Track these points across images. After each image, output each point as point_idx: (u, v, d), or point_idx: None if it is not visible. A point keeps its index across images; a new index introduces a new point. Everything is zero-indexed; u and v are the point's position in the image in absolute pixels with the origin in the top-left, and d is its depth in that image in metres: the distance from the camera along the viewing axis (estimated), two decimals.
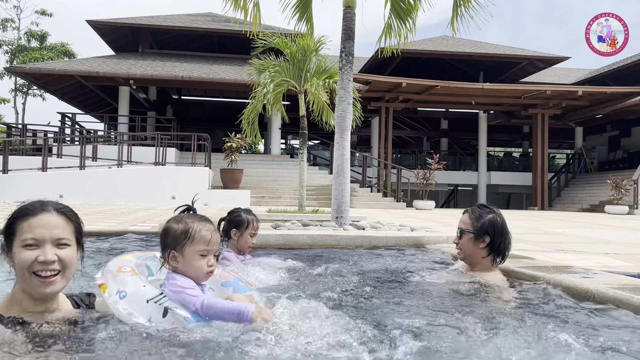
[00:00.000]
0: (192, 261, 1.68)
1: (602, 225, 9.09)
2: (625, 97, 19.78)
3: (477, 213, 2.54)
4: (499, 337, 1.54)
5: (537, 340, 1.53)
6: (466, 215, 2.58)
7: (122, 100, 18.73)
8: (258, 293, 1.89)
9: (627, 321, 1.77)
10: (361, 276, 2.67)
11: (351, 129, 6.50)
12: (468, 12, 6.57)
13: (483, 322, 1.73)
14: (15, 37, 29.43)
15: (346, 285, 2.38)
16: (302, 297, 1.88)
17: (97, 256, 3.38)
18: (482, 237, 2.47)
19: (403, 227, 5.58)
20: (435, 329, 1.62)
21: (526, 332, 1.60)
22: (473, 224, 2.51)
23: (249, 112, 9.99)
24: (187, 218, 1.76)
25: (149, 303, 1.54)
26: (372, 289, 2.31)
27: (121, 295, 1.56)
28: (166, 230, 1.74)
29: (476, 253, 2.50)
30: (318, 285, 2.38)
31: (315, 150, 28.77)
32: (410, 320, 1.69)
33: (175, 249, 1.69)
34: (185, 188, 13.18)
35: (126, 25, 19.64)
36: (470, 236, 2.50)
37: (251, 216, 3.02)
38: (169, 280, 1.65)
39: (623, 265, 3.36)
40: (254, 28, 7.27)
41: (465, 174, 24.85)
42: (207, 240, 1.70)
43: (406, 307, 2.00)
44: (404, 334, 1.52)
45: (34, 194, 8.20)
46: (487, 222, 2.49)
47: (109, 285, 1.60)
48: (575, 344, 1.47)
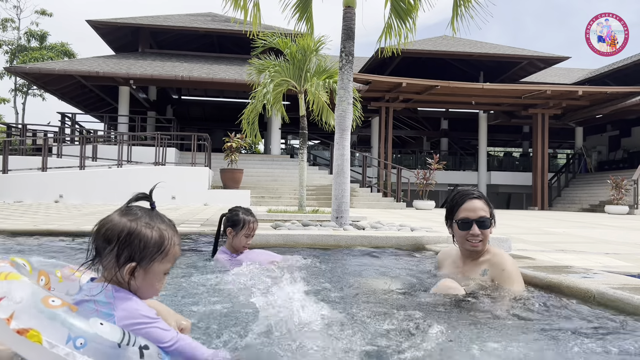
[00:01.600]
0: (154, 281, 1.28)
1: (602, 225, 9.09)
2: (625, 97, 19.78)
3: (485, 196, 2.33)
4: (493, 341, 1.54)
5: (537, 341, 1.52)
6: (478, 201, 2.27)
7: (122, 100, 18.73)
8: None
9: (627, 321, 1.77)
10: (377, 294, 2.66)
11: (351, 129, 6.49)
12: (468, 12, 6.57)
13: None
14: (15, 37, 29.47)
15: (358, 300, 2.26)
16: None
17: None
18: (494, 220, 2.28)
19: (403, 227, 5.57)
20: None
21: (526, 333, 1.60)
22: (490, 210, 2.27)
23: (249, 112, 9.99)
24: (157, 222, 1.29)
25: (121, 348, 1.08)
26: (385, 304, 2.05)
27: (77, 343, 1.04)
28: (132, 234, 1.24)
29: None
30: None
31: (315, 150, 28.79)
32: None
33: (141, 263, 1.24)
34: (185, 188, 13.20)
35: (126, 25, 19.65)
36: (492, 222, 2.27)
37: (249, 217, 2.96)
38: (123, 304, 1.19)
39: (623, 265, 3.36)
40: (254, 28, 7.27)
41: (465, 174, 24.86)
42: (176, 257, 1.32)
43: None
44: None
45: (34, 194, 8.31)
46: (491, 204, 2.31)
47: (42, 330, 1.03)
48: (577, 346, 1.47)
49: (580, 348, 1.45)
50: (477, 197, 2.27)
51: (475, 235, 2.22)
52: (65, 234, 4.51)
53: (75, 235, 4.47)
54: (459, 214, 2.26)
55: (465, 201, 2.26)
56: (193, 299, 2.01)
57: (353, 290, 2.33)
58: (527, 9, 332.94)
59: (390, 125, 20.33)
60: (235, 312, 1.78)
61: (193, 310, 1.80)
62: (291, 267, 2.87)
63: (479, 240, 2.23)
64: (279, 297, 1.62)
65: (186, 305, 1.88)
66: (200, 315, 1.74)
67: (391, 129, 20.52)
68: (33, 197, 12.07)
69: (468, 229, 2.23)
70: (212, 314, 1.77)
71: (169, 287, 2.20)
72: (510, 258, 2.28)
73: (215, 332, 1.55)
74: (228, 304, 1.90)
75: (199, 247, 4.05)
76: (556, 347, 1.47)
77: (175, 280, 2.36)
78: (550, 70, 26.66)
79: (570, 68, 29.06)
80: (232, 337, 1.49)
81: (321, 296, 2.11)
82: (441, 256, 2.61)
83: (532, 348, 1.46)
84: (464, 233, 2.25)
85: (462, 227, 2.24)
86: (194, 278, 2.43)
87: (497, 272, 2.20)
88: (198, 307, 1.85)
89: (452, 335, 1.54)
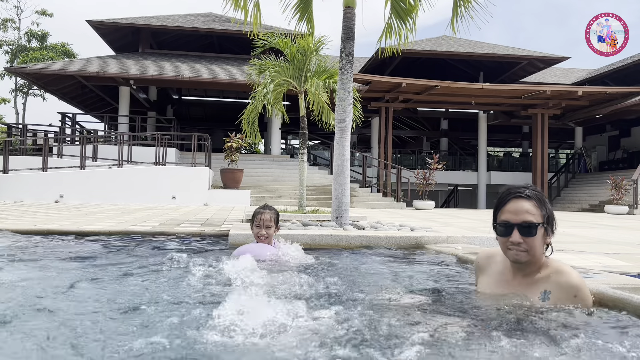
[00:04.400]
0: None
1: (602, 225, 9.09)
2: (625, 97, 19.79)
3: (538, 196, 1.90)
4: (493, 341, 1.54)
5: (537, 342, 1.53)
6: (527, 202, 1.87)
7: (123, 100, 18.74)
8: None
9: (627, 321, 1.77)
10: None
11: (351, 129, 6.50)
12: (468, 12, 6.57)
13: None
14: (16, 37, 29.44)
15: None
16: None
17: (101, 256, 3.39)
18: (552, 226, 1.91)
19: (403, 227, 5.58)
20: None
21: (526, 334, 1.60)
22: (541, 213, 1.87)
23: (249, 112, 9.99)
24: None
25: None
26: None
27: None
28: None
29: (541, 251, 1.90)
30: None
31: (315, 150, 28.79)
32: None
33: None
34: (185, 188, 13.21)
35: (126, 26, 19.65)
36: (543, 230, 1.87)
37: (259, 209, 3.33)
38: None
39: (623, 265, 3.36)
40: (254, 28, 7.27)
41: (465, 174, 24.86)
42: None
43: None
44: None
45: (35, 194, 8.35)
46: (548, 205, 1.91)
47: None
48: (576, 347, 1.47)
49: (579, 347, 1.46)
50: (525, 197, 1.88)
51: (515, 244, 1.85)
52: (65, 233, 4.52)
53: (76, 235, 4.48)
54: (501, 216, 1.90)
55: (509, 200, 1.89)
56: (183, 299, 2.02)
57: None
58: (527, 9, 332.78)
59: (390, 126, 20.34)
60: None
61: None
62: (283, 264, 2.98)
63: (521, 250, 1.85)
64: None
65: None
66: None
67: (391, 129, 20.52)
68: (33, 197, 12.08)
69: (507, 235, 1.86)
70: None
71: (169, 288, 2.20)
72: (580, 277, 1.88)
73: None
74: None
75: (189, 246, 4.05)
76: (556, 347, 1.47)
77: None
78: (550, 71, 26.66)
79: (570, 68, 29.07)
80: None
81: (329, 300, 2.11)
82: (482, 260, 2.16)
83: (529, 346, 1.46)
84: (504, 240, 1.88)
85: (501, 233, 1.89)
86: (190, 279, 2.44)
87: (564, 297, 1.82)
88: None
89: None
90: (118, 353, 1.35)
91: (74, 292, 2.20)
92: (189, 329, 1.56)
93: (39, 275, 2.62)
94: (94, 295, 2.12)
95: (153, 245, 4.04)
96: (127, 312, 1.81)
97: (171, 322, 1.63)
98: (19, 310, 1.81)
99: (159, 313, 1.79)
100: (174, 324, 1.62)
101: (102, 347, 1.42)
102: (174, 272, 2.71)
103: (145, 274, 2.67)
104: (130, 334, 1.53)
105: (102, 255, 3.47)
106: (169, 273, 2.69)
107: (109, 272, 2.70)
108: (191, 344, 1.42)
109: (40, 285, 2.34)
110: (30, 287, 2.28)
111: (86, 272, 2.72)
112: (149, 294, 2.19)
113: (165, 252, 3.64)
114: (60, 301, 2.02)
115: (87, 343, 1.45)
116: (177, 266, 2.85)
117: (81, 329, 1.58)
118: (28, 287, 2.29)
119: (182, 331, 1.54)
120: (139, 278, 2.55)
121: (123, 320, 1.71)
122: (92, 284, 2.40)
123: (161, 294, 2.14)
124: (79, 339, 1.48)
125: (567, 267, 1.90)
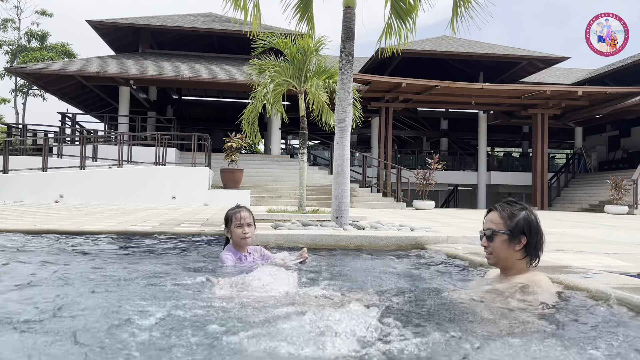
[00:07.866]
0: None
1: (602, 225, 9.09)
2: (625, 97, 19.79)
3: (509, 211, 2.20)
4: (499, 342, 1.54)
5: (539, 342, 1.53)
6: (495, 213, 2.23)
7: (122, 100, 18.74)
8: None
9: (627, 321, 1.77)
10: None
11: (351, 129, 6.50)
12: (468, 12, 6.57)
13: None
14: (16, 37, 29.47)
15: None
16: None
17: (101, 255, 3.39)
18: (518, 237, 2.16)
19: (403, 227, 5.58)
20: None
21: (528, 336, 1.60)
22: (506, 224, 2.18)
23: (249, 112, 9.99)
24: None
25: None
26: (404, 301, 2.09)
27: None
28: None
29: (511, 256, 2.19)
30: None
31: (315, 150, 28.79)
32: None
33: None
34: (185, 188, 13.21)
35: (126, 26, 19.65)
36: (504, 238, 2.17)
37: (234, 209, 2.98)
38: None
39: (623, 265, 3.36)
40: (254, 28, 7.27)
41: (465, 174, 24.86)
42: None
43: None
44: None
45: (35, 194, 8.35)
46: (521, 220, 2.17)
47: None
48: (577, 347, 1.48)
49: (578, 347, 1.46)
50: (494, 210, 2.25)
51: (483, 247, 2.27)
52: (65, 233, 4.52)
53: (76, 235, 4.48)
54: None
55: (487, 214, 2.29)
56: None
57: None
58: (527, 9, 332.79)
59: (390, 125, 20.34)
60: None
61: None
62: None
63: (488, 252, 2.24)
64: None
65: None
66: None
67: (391, 129, 20.52)
68: (33, 197, 12.08)
69: (481, 240, 2.29)
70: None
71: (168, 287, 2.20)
72: (550, 284, 2.17)
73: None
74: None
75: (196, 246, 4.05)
76: (555, 347, 1.48)
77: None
78: (550, 71, 26.66)
79: (570, 68, 29.07)
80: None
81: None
82: (489, 272, 2.53)
83: (529, 345, 1.46)
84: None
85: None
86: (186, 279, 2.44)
87: (529, 287, 2.13)
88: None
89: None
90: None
91: (74, 292, 2.20)
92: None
93: (40, 275, 2.63)
94: (93, 296, 2.12)
95: (153, 245, 4.04)
96: (128, 312, 1.81)
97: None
98: (19, 310, 1.82)
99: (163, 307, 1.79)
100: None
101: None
102: (176, 272, 2.71)
103: (146, 275, 2.67)
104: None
105: (102, 255, 3.47)
106: (172, 273, 2.68)
107: (109, 272, 2.71)
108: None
109: (41, 285, 2.34)
110: (30, 287, 2.28)
111: (86, 272, 2.72)
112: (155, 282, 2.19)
113: (165, 252, 3.64)
114: (61, 301, 2.02)
115: (87, 343, 1.45)
116: (179, 267, 2.85)
117: (82, 330, 1.58)
118: (28, 287, 2.29)
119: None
120: (142, 280, 2.55)
121: (123, 317, 1.71)
122: (92, 284, 2.40)
123: (165, 296, 2.14)
124: (79, 340, 1.48)
125: (542, 276, 2.19)
